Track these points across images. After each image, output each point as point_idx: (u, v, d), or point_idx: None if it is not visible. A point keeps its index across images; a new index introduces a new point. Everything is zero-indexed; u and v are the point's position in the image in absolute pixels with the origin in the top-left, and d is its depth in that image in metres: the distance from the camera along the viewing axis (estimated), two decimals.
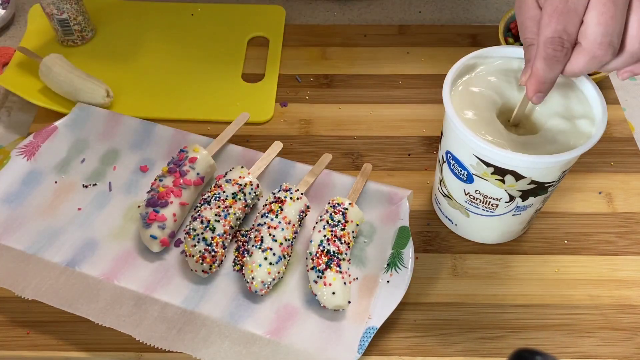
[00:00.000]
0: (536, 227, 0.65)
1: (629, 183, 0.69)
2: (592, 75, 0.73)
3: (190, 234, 0.58)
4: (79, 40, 0.82)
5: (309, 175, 0.65)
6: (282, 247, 0.57)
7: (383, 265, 0.60)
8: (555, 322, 0.58)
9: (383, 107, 0.77)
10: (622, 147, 0.72)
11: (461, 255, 0.63)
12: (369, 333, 0.55)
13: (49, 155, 0.68)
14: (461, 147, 0.54)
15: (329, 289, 0.55)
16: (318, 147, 0.72)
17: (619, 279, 0.61)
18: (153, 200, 0.60)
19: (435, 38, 0.85)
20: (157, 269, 0.60)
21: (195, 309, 0.56)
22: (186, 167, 0.62)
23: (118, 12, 0.87)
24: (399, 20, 0.91)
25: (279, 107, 0.77)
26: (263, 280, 0.56)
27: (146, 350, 0.56)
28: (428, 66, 0.82)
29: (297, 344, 0.54)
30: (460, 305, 0.59)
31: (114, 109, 0.74)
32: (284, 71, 0.81)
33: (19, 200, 0.64)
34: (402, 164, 0.71)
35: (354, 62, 0.82)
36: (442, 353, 0.56)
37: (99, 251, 0.61)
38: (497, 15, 0.93)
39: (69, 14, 0.79)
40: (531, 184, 0.54)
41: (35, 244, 0.61)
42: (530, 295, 0.60)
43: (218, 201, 0.60)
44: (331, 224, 0.59)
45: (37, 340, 0.57)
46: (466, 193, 0.58)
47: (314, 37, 0.86)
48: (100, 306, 0.56)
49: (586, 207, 0.67)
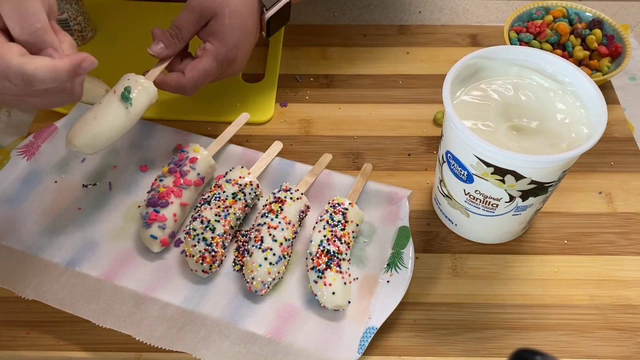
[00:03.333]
0: (536, 227, 0.65)
1: (629, 183, 0.69)
2: (592, 76, 0.73)
3: (191, 234, 0.58)
4: (79, 40, 0.82)
5: (309, 175, 0.65)
6: (282, 247, 0.57)
7: (383, 265, 0.60)
8: (555, 322, 0.58)
9: (383, 107, 0.77)
10: (622, 147, 0.72)
11: (461, 255, 0.63)
12: (369, 333, 0.55)
13: (49, 155, 0.68)
14: (461, 147, 0.54)
15: (329, 289, 0.55)
16: (318, 147, 0.72)
17: (619, 279, 0.61)
18: (153, 200, 0.60)
19: (435, 38, 0.85)
20: (157, 269, 0.60)
21: (195, 309, 0.56)
22: (187, 167, 0.62)
23: (118, 12, 0.87)
24: (399, 20, 0.91)
25: (279, 107, 0.77)
26: (263, 280, 0.56)
27: (146, 350, 0.56)
28: (428, 66, 0.82)
29: (297, 344, 0.54)
30: (460, 305, 0.59)
31: None
32: (284, 71, 0.81)
33: (19, 200, 0.64)
34: (402, 164, 0.71)
35: (354, 62, 0.82)
36: (442, 353, 0.56)
37: (99, 251, 0.61)
38: (497, 15, 0.93)
39: (69, 14, 0.79)
40: (531, 184, 0.54)
41: (35, 244, 0.61)
42: (530, 295, 0.60)
43: (218, 201, 0.60)
44: (331, 224, 0.59)
45: (37, 340, 0.57)
46: (466, 193, 0.58)
47: (313, 37, 0.86)
48: (100, 306, 0.56)
49: (586, 207, 0.67)
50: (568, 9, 0.79)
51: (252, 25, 0.66)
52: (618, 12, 0.96)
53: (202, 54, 0.64)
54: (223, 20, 0.64)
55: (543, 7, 0.79)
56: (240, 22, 0.65)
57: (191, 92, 0.65)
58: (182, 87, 0.64)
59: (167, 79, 0.64)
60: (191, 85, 0.64)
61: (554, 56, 0.58)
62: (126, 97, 0.59)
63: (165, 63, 0.65)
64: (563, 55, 0.75)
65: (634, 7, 0.97)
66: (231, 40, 0.64)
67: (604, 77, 0.72)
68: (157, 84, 0.63)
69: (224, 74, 0.67)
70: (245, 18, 0.65)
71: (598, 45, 0.76)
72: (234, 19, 0.64)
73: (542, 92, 0.58)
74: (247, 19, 0.65)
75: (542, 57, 0.59)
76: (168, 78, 0.64)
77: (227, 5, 0.64)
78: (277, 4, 0.67)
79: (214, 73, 0.65)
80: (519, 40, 0.76)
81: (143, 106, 0.61)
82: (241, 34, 0.65)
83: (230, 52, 0.65)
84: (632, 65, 0.84)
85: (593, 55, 0.76)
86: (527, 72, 0.59)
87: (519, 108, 0.57)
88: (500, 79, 0.59)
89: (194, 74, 0.64)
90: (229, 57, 0.65)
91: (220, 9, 0.63)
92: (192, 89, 0.65)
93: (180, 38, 0.64)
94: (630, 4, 0.97)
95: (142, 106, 0.61)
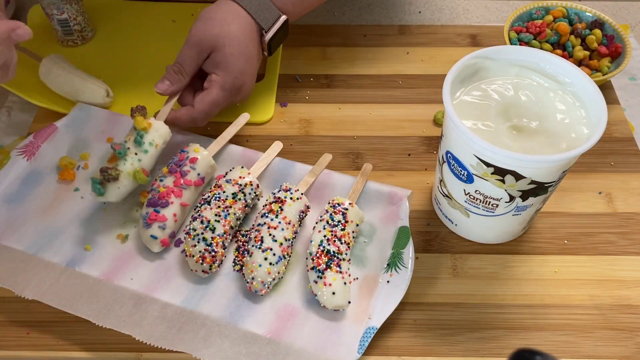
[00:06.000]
0: (536, 227, 0.65)
1: (629, 183, 0.69)
2: (592, 76, 0.73)
3: (191, 234, 0.58)
4: (79, 40, 0.82)
5: (309, 175, 0.65)
6: (282, 247, 0.57)
7: (383, 265, 0.60)
8: (555, 322, 0.58)
9: (383, 107, 0.77)
10: (622, 147, 0.72)
11: (461, 255, 0.63)
12: (369, 333, 0.55)
13: (49, 155, 0.68)
14: (461, 147, 0.54)
15: (329, 289, 0.55)
16: (318, 147, 0.72)
17: (619, 279, 0.61)
18: (154, 200, 0.60)
19: (435, 38, 0.85)
20: (157, 269, 0.60)
21: (195, 309, 0.56)
22: (187, 167, 0.62)
23: (118, 12, 0.87)
24: (399, 20, 0.91)
25: (279, 107, 0.77)
26: (263, 280, 0.56)
27: (146, 350, 0.56)
28: (428, 66, 0.82)
29: (297, 344, 0.54)
30: (460, 305, 0.59)
31: (114, 109, 0.74)
32: (284, 71, 0.81)
33: (19, 200, 0.64)
34: (402, 164, 0.71)
35: (354, 62, 0.82)
36: (442, 353, 0.56)
37: (99, 251, 0.61)
38: (497, 15, 0.93)
39: (69, 14, 0.79)
40: (531, 184, 0.54)
41: (35, 244, 0.61)
42: (530, 295, 0.60)
43: (218, 201, 0.60)
44: (331, 224, 0.59)
45: (37, 340, 0.57)
46: (466, 193, 0.58)
47: (313, 37, 0.86)
48: (100, 306, 0.56)
49: (586, 207, 0.67)
50: (568, 9, 0.79)
51: (253, 50, 0.68)
52: (618, 12, 0.96)
53: (209, 85, 0.66)
54: (224, 51, 0.65)
55: (543, 7, 0.79)
56: (240, 49, 0.66)
57: (202, 123, 0.67)
58: (193, 120, 0.66)
59: (178, 114, 0.66)
60: (202, 116, 0.66)
61: (554, 56, 0.58)
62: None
63: (174, 99, 0.67)
64: (563, 55, 0.75)
65: (634, 7, 0.97)
66: (235, 67, 0.66)
67: (604, 77, 0.72)
68: (169, 121, 0.65)
69: (233, 100, 0.69)
70: (245, 44, 0.67)
71: (598, 45, 0.76)
72: (234, 47, 0.66)
73: (542, 92, 0.58)
74: (248, 45, 0.67)
75: (542, 57, 0.59)
76: (179, 114, 0.66)
77: (226, 36, 0.65)
78: (275, 24, 0.69)
79: (223, 102, 0.67)
80: (519, 40, 0.76)
81: (159, 148, 0.63)
82: (244, 60, 0.66)
83: (236, 79, 0.66)
84: (632, 65, 0.84)
85: (593, 55, 0.76)
86: (527, 72, 0.59)
87: (519, 108, 0.57)
88: (500, 79, 0.59)
89: (203, 105, 0.65)
90: (236, 85, 0.67)
91: (219, 41, 0.65)
92: (203, 119, 0.66)
93: (184, 73, 0.66)
94: (630, 4, 0.97)
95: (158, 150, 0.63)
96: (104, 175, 0.59)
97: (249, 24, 0.68)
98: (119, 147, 0.60)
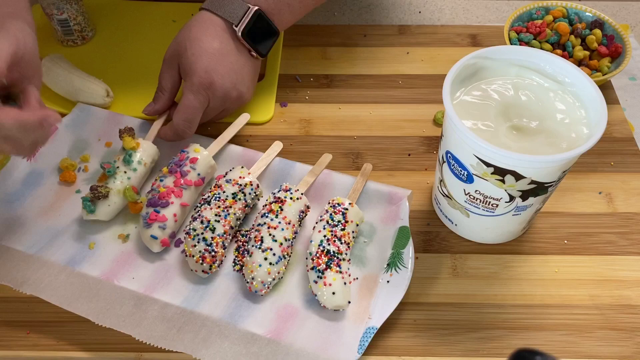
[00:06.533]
0: (536, 227, 0.65)
1: (629, 183, 0.69)
2: (592, 76, 0.73)
3: (191, 234, 0.58)
4: (79, 40, 0.82)
5: (309, 175, 0.65)
6: (282, 247, 0.57)
7: (383, 265, 0.60)
8: (555, 322, 0.58)
9: (383, 107, 0.77)
10: (622, 147, 0.72)
11: (461, 255, 0.63)
12: (369, 333, 0.55)
13: (49, 156, 0.68)
14: (461, 147, 0.54)
15: (329, 289, 0.55)
16: (318, 147, 0.72)
17: (619, 279, 0.61)
18: (154, 200, 0.60)
19: (435, 38, 0.85)
20: (157, 269, 0.60)
21: (195, 309, 0.56)
22: (187, 167, 0.62)
23: (118, 12, 0.87)
24: (399, 20, 0.91)
25: (279, 107, 0.77)
26: (263, 280, 0.56)
27: (146, 350, 0.56)
28: (428, 66, 0.82)
29: (297, 344, 0.54)
30: (460, 305, 0.59)
31: (114, 109, 0.74)
32: (284, 71, 0.81)
33: (19, 200, 0.64)
34: (402, 164, 0.71)
35: (354, 62, 0.82)
36: (442, 353, 0.56)
37: (99, 251, 0.61)
38: (497, 15, 0.93)
39: (69, 14, 0.79)
40: (531, 184, 0.54)
41: (35, 245, 0.61)
42: (530, 295, 0.60)
43: (218, 201, 0.60)
44: (331, 224, 0.59)
45: (37, 340, 0.57)
46: (466, 193, 0.58)
47: (313, 37, 0.86)
48: (100, 306, 0.56)
49: (586, 207, 0.67)
50: (568, 9, 0.79)
51: (222, 47, 0.66)
52: (618, 12, 0.96)
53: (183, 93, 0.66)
54: (186, 54, 0.65)
55: (543, 7, 0.79)
56: (204, 47, 0.65)
57: (186, 131, 0.66)
58: (176, 131, 0.66)
59: (162, 130, 0.67)
60: (183, 125, 0.65)
61: (554, 56, 0.58)
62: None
63: (162, 118, 0.69)
64: (563, 55, 0.75)
65: (634, 7, 0.97)
66: (197, 67, 0.64)
67: (604, 77, 0.72)
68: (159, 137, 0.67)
69: (222, 104, 0.67)
70: (209, 43, 0.65)
71: (598, 46, 0.76)
72: (195, 48, 0.65)
73: (542, 92, 0.58)
74: (213, 41, 0.65)
75: (542, 57, 0.59)
76: (163, 129, 0.67)
77: (187, 40, 0.66)
78: (244, 18, 0.66)
79: (199, 105, 0.65)
80: (519, 40, 0.76)
81: (148, 167, 0.65)
82: (207, 58, 0.65)
83: (201, 78, 0.64)
84: (632, 65, 0.84)
85: (593, 55, 0.76)
86: (527, 72, 0.59)
87: (519, 108, 0.57)
88: (500, 79, 0.59)
89: (179, 113, 0.65)
90: (204, 83, 0.64)
91: (181, 47, 0.66)
92: (187, 128, 0.66)
93: (163, 90, 0.68)
94: (630, 4, 0.97)
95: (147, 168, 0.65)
96: (94, 192, 0.60)
97: (212, 22, 0.66)
98: (109, 166, 0.62)
